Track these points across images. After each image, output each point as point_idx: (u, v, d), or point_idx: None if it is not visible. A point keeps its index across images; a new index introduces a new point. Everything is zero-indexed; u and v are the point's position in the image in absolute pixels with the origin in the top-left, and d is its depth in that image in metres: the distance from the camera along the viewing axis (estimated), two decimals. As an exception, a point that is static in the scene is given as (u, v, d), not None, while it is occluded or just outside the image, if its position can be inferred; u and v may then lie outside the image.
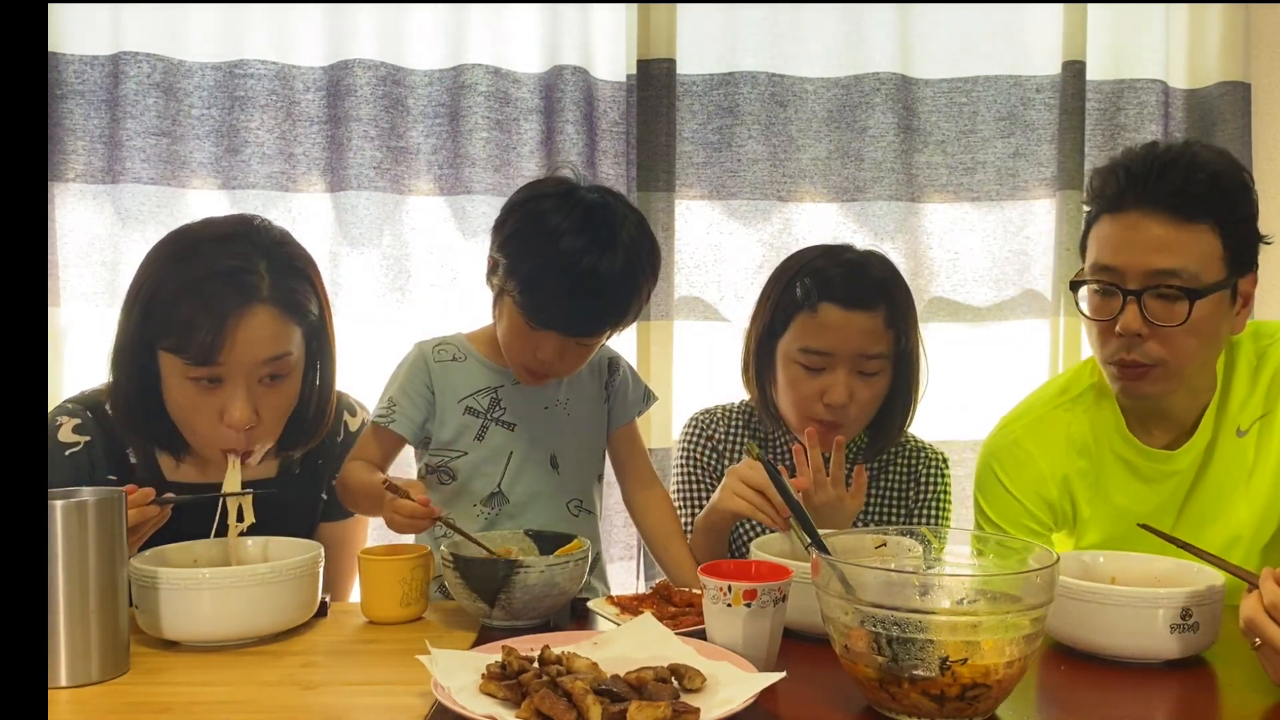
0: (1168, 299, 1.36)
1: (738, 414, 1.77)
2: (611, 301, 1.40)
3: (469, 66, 2.27)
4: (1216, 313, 1.39)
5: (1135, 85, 2.34)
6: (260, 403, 1.40)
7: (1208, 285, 1.36)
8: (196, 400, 1.39)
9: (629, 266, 1.39)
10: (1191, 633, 1.13)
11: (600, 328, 1.45)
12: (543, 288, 1.37)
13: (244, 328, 1.36)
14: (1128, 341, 1.39)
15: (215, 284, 1.36)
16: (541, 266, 1.37)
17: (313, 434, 1.54)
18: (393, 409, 1.48)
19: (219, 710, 1.02)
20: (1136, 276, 1.37)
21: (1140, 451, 1.48)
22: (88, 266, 2.23)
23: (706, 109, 2.34)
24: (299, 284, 1.44)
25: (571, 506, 1.54)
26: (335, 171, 2.27)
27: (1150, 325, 1.37)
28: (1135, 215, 1.38)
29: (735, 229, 2.36)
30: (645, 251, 1.42)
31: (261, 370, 1.39)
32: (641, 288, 1.42)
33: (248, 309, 1.36)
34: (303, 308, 1.44)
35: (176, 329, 1.35)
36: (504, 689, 0.97)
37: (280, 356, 1.40)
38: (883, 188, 2.34)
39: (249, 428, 1.39)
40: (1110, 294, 1.40)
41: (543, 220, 1.38)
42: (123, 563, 1.12)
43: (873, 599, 0.97)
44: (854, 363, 1.56)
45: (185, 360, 1.36)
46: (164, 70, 2.23)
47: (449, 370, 1.51)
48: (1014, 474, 1.55)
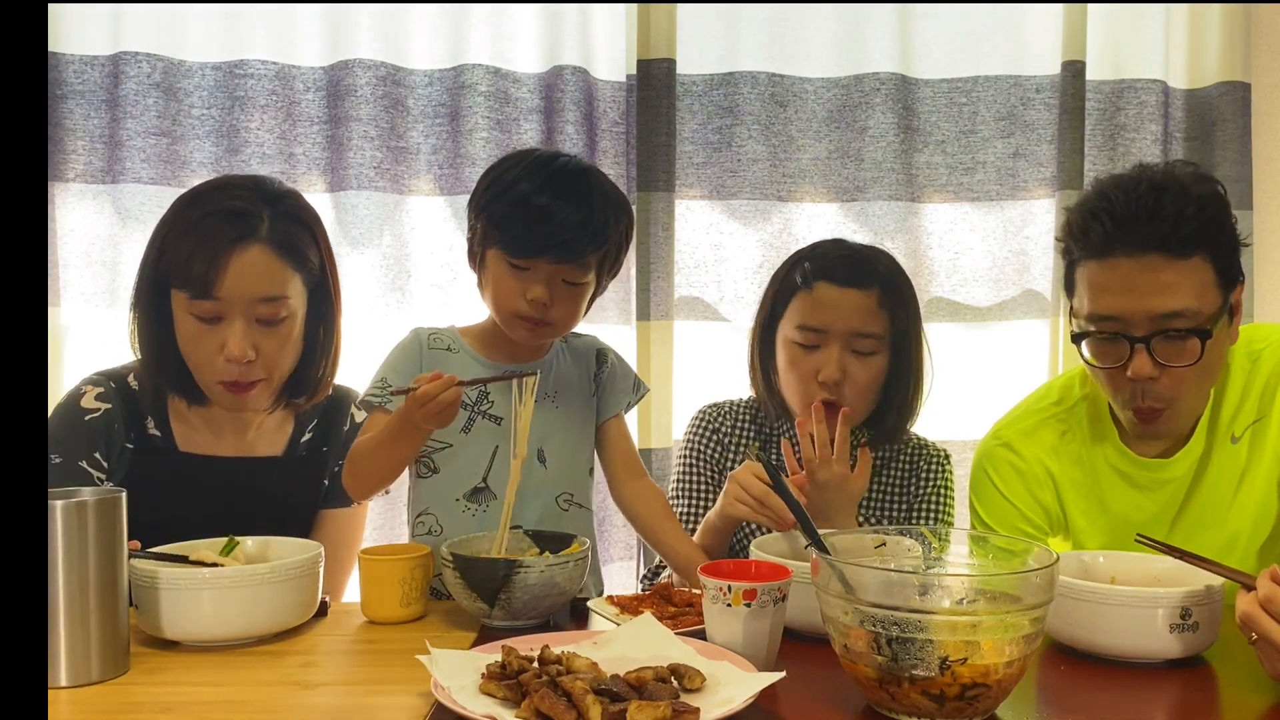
0: (1176, 339, 1.34)
1: (744, 410, 1.78)
2: (587, 215, 1.42)
3: (469, 66, 2.27)
4: (1221, 340, 1.38)
5: (1135, 85, 2.34)
6: (259, 342, 1.47)
7: (1211, 317, 1.34)
8: (199, 336, 1.46)
9: (599, 186, 1.45)
10: (1191, 633, 1.13)
11: (582, 247, 1.43)
12: (519, 216, 1.41)
13: (239, 262, 1.44)
14: (1142, 386, 1.37)
15: (216, 220, 1.45)
16: (515, 199, 1.41)
17: (317, 387, 1.60)
18: (385, 389, 1.47)
19: (219, 710, 1.02)
20: (1142, 323, 1.34)
21: (1135, 462, 1.48)
22: (88, 266, 2.23)
23: (706, 109, 2.35)
24: (299, 232, 1.51)
25: (561, 501, 1.53)
26: (335, 171, 2.27)
27: (1162, 368, 1.35)
28: (1128, 261, 1.34)
29: (735, 229, 2.36)
30: (611, 188, 1.49)
31: (259, 309, 1.46)
32: (611, 214, 1.45)
33: (245, 245, 1.44)
34: (302, 254, 1.50)
35: (180, 264, 1.44)
36: (504, 689, 0.97)
37: (276, 298, 1.47)
38: (883, 188, 2.34)
39: (247, 361, 1.45)
40: (1116, 341, 1.37)
41: (508, 168, 1.46)
42: (123, 563, 1.12)
43: (873, 599, 0.97)
44: (847, 340, 1.59)
45: (188, 295, 1.44)
46: (164, 70, 2.23)
47: (441, 359, 1.51)
48: (1008, 478, 1.54)
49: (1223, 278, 1.36)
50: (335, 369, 1.63)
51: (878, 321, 1.60)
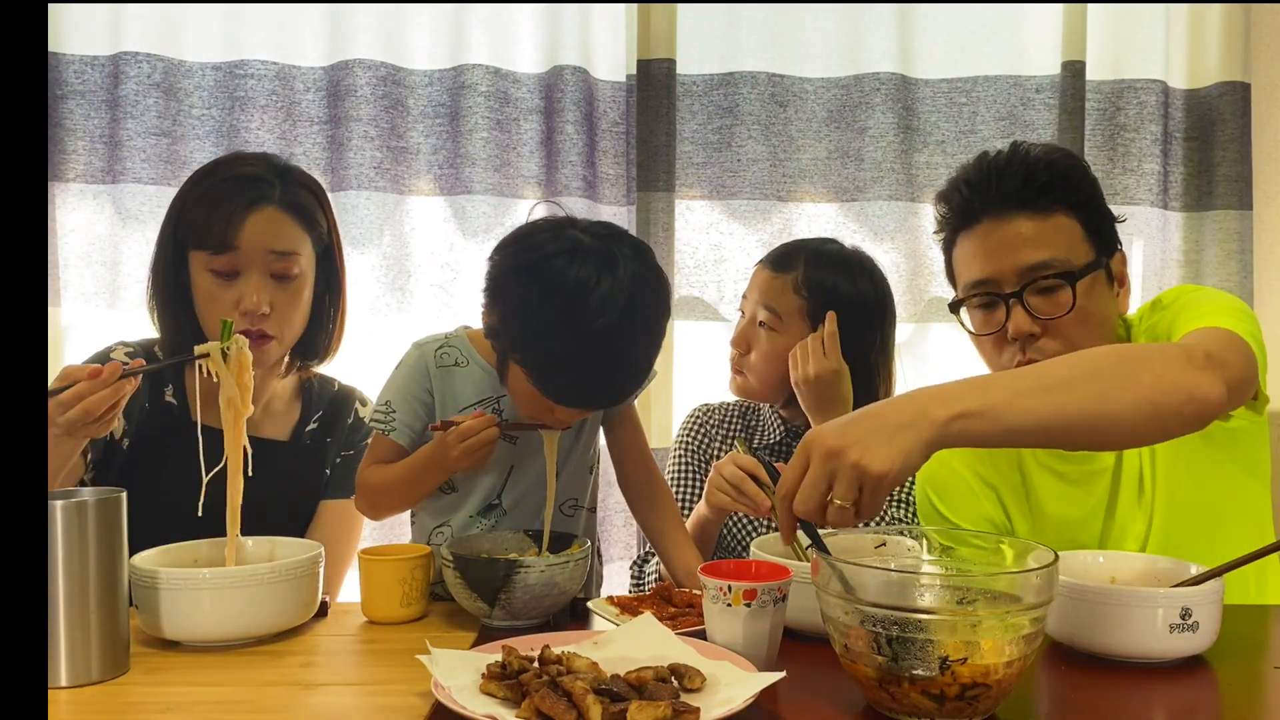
0: (1048, 291, 1.38)
1: (734, 410, 1.84)
2: (636, 371, 1.34)
3: (469, 66, 2.27)
4: (1099, 295, 1.40)
5: (1135, 85, 2.34)
6: (273, 296, 1.54)
7: (1081, 267, 1.38)
8: (217, 292, 1.53)
9: (648, 327, 1.30)
10: (1191, 633, 1.13)
11: (627, 396, 1.42)
12: (560, 370, 1.28)
13: (255, 220, 1.52)
14: (1022, 345, 1.39)
15: (230, 185, 1.54)
16: (557, 348, 1.26)
17: (326, 350, 1.70)
18: (391, 416, 1.42)
19: (219, 710, 1.02)
20: (1011, 279, 1.39)
21: (1064, 457, 1.47)
22: (88, 266, 2.23)
23: (706, 109, 2.35)
24: (309, 199, 1.60)
25: (565, 507, 1.51)
26: (335, 171, 2.27)
27: (1040, 321, 1.38)
28: (990, 223, 1.41)
29: (735, 229, 2.36)
30: (658, 300, 1.32)
31: (273, 263, 1.53)
32: (660, 340, 1.34)
33: (259, 206, 1.53)
34: (312, 217, 1.59)
35: (199, 226, 1.52)
36: (504, 689, 0.97)
37: (289, 253, 1.55)
38: (882, 188, 2.34)
39: (261, 314, 1.52)
40: (992, 305, 1.42)
41: (552, 291, 1.25)
42: (123, 563, 1.12)
43: (873, 599, 0.97)
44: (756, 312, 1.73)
45: (207, 252, 1.52)
46: (164, 70, 2.23)
47: (451, 376, 1.44)
48: (949, 500, 1.54)
49: (1093, 235, 1.41)
50: (341, 337, 1.71)
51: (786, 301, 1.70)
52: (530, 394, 1.34)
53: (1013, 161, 1.41)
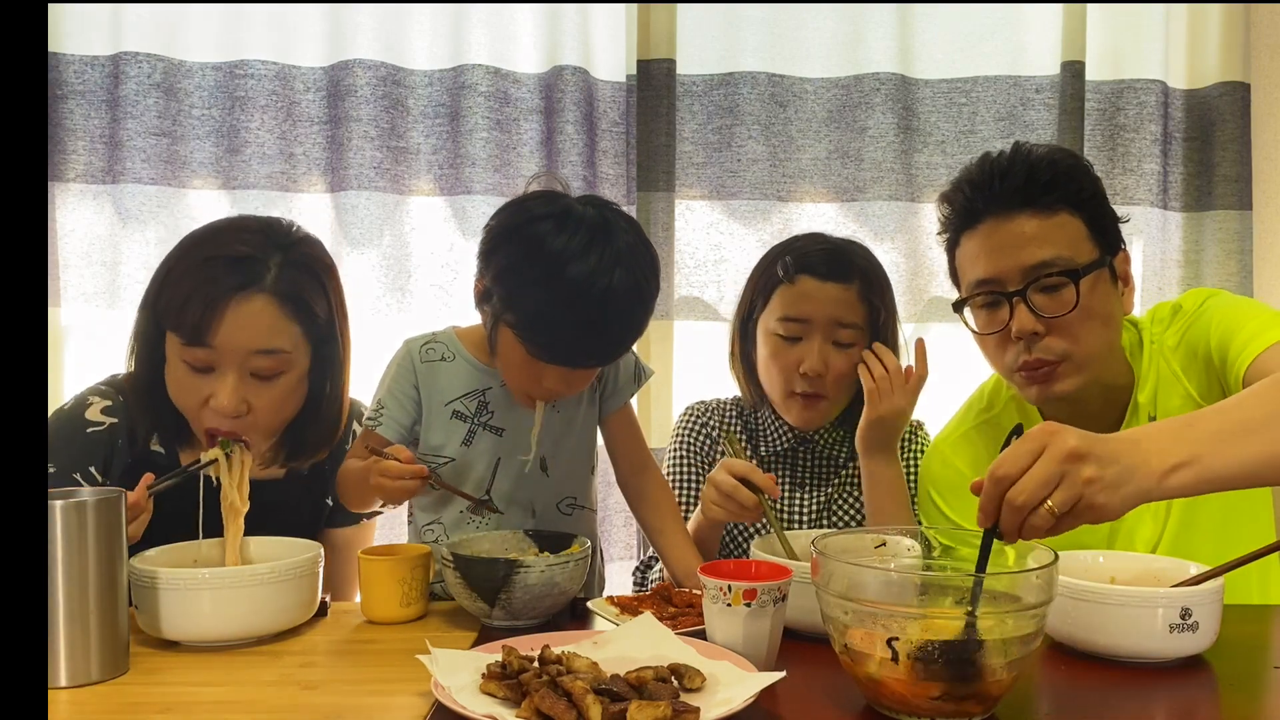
0: (1052, 289, 1.38)
1: (731, 407, 1.82)
2: (623, 329, 1.36)
3: (469, 66, 2.27)
4: (1102, 293, 1.40)
5: (1135, 85, 2.34)
6: (253, 396, 1.39)
7: (1084, 266, 1.38)
8: (189, 384, 1.40)
9: (636, 287, 1.32)
10: (1191, 633, 1.13)
11: (614, 356, 1.43)
12: (549, 323, 1.31)
13: (237, 312, 1.36)
14: (1026, 344, 1.39)
15: (219, 266, 1.37)
16: (546, 301, 1.30)
17: (322, 445, 1.53)
18: (380, 412, 1.44)
19: (219, 710, 1.02)
20: (1015, 278, 1.39)
21: None
22: (88, 266, 2.23)
23: (706, 109, 2.35)
24: (308, 283, 1.43)
25: (563, 506, 1.51)
26: (335, 171, 2.27)
27: (1043, 320, 1.37)
28: (992, 222, 1.40)
29: (735, 229, 2.36)
30: (648, 265, 1.35)
31: (254, 362, 1.38)
32: (649, 304, 1.37)
33: (246, 294, 1.37)
34: (308, 307, 1.42)
35: (176, 306, 1.37)
36: (504, 688, 0.97)
37: (274, 351, 1.39)
38: (882, 188, 2.34)
39: (237, 416, 1.38)
40: (996, 304, 1.42)
41: (540, 247, 1.30)
42: (123, 563, 1.12)
43: (873, 599, 0.97)
44: (828, 331, 1.62)
45: (181, 339, 1.37)
46: (164, 70, 2.23)
47: (436, 371, 1.46)
48: (950, 499, 1.54)
49: (1096, 234, 1.40)
50: (342, 421, 1.55)
51: (857, 312, 1.64)
52: (520, 362, 1.36)
53: (1015, 161, 1.41)
